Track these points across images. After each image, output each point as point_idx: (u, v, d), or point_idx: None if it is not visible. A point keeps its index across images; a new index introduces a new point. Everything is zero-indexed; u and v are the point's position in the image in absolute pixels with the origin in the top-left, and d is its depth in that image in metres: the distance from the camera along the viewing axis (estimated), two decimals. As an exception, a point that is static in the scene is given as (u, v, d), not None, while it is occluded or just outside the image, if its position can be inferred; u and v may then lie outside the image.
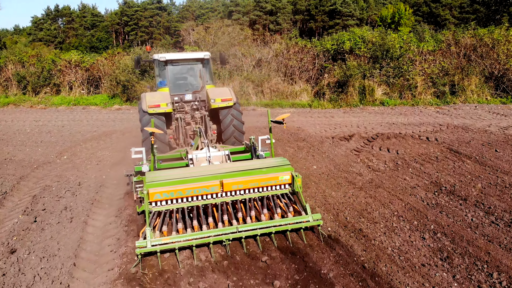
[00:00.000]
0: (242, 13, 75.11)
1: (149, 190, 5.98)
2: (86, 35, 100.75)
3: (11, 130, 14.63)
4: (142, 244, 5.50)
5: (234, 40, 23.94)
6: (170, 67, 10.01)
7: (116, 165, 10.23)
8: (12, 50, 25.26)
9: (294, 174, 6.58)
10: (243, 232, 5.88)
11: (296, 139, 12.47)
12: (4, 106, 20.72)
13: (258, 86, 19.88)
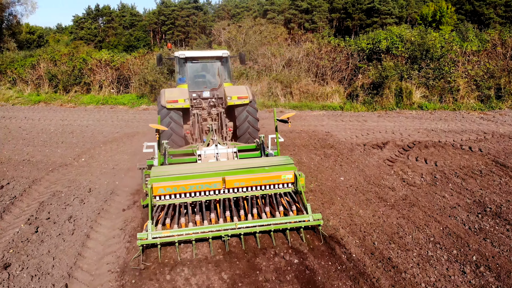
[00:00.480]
0: (277, 11, 74.31)
1: (153, 185, 6.17)
2: (125, 34, 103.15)
3: (36, 129, 14.57)
4: (143, 236, 5.64)
5: (265, 39, 23.23)
6: (190, 64, 10.25)
7: (131, 171, 9.74)
8: (45, 49, 25.65)
9: (297, 174, 6.61)
10: (242, 228, 5.92)
11: (324, 145, 11.59)
12: (35, 104, 20.93)
13: (286, 87, 19.06)
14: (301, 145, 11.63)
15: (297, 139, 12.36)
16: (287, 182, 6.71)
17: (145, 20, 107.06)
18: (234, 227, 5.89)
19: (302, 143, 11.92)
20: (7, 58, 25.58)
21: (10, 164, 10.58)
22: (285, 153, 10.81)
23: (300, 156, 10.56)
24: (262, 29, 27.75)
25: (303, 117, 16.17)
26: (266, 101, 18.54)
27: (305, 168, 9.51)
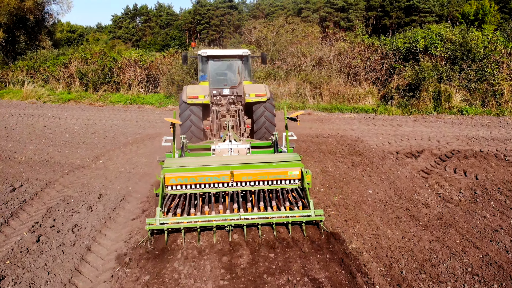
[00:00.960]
0: (312, 10, 73.06)
1: (165, 175, 6.56)
2: (161, 34, 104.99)
3: (60, 129, 14.51)
4: (151, 221, 6.04)
5: (296, 38, 22.47)
6: (211, 62, 10.58)
7: (147, 175, 9.34)
8: (77, 47, 25.97)
9: (303, 170, 6.77)
10: (245, 220, 6.18)
11: (352, 152, 10.77)
12: (65, 102, 21.13)
13: (316, 88, 18.24)
14: (327, 152, 10.86)
15: (323, 145, 11.60)
16: (294, 178, 6.87)
17: (181, 20, 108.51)
18: (237, 218, 6.18)
19: (329, 149, 11.14)
20: (41, 56, 26.14)
21: (28, 165, 10.42)
22: (308, 160, 10.12)
23: (325, 163, 9.80)
24: (293, 27, 27.01)
25: (332, 120, 15.34)
26: (294, 102, 17.81)
27: (330, 178, 8.76)
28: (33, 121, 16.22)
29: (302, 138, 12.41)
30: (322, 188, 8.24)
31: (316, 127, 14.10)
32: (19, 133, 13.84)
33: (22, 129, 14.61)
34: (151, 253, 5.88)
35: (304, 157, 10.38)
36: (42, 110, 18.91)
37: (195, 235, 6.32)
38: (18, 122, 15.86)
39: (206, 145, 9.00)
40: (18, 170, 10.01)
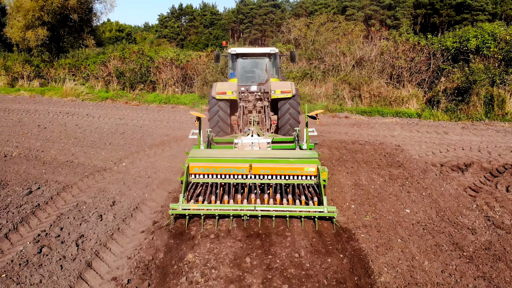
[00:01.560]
0: (357, 8, 70.92)
1: (189, 164, 7.09)
2: (205, 33, 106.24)
3: (90, 128, 14.42)
4: (175, 206, 6.55)
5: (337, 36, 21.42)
6: (240, 60, 10.88)
7: (166, 181, 8.86)
8: (116, 46, 26.21)
9: (320, 167, 6.93)
10: (260, 211, 6.49)
11: (391, 163, 9.77)
12: (103, 100, 21.28)
13: (355, 90, 17.17)
14: (363, 161, 9.92)
15: (359, 153, 10.65)
16: (310, 175, 7.06)
17: (224, 19, 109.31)
18: (253, 209, 6.50)
19: (365, 158, 10.19)
20: (82, 55, 26.63)
21: (51, 166, 10.25)
22: (340, 170, 9.25)
23: (358, 175, 8.89)
24: (335, 25, 25.91)
25: (371, 125, 14.27)
26: (330, 104, 16.86)
27: (363, 193, 7.87)
28: (67, 119, 16.31)
29: (335, 145, 11.52)
30: (353, 204, 7.38)
31: (352, 133, 13.12)
32: (50, 132, 13.86)
33: (54, 127, 14.66)
34: (154, 276, 5.32)
35: (335, 166, 9.52)
36: (79, 108, 19.08)
37: (215, 222, 6.64)
38: (52, 120, 15.99)
39: (231, 139, 9.31)
40: (40, 171, 9.84)
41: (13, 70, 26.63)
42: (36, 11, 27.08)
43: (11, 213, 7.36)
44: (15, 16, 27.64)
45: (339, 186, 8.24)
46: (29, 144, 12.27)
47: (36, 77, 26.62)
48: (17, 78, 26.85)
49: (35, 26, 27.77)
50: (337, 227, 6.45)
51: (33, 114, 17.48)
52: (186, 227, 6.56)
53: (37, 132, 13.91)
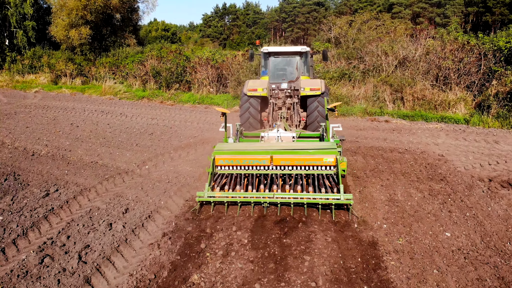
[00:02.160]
0: (404, 5, 68.11)
1: (215, 156, 7.59)
2: (247, 32, 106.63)
3: (121, 128, 14.31)
4: (201, 194, 7.08)
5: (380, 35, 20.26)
6: (272, 58, 11.48)
7: (185, 187, 8.40)
8: (154, 45, 26.34)
9: (338, 158, 7.16)
10: (279, 199, 6.86)
11: (432, 175, 8.79)
12: (139, 99, 21.34)
13: (397, 92, 16.03)
14: (401, 173, 8.99)
15: (397, 163, 9.71)
16: (329, 165, 7.32)
17: (266, 18, 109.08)
18: (272, 197, 6.87)
19: (403, 169, 9.25)
20: (122, 54, 26.98)
21: (75, 166, 10.10)
22: (374, 182, 8.40)
23: (394, 189, 8.01)
24: (378, 23, 24.66)
25: (413, 131, 13.17)
26: (370, 107, 15.84)
27: (397, 211, 7.01)
28: (100, 118, 16.37)
29: (371, 152, 10.62)
30: (385, 223, 6.56)
31: (392, 139, 12.13)
32: (81, 131, 13.87)
33: (86, 126, 14.69)
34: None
35: (369, 178, 8.68)
36: (114, 107, 19.19)
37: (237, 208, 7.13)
38: (85, 119, 16.09)
39: (258, 133, 9.74)
40: (63, 171, 9.70)
41: (56, 68, 27.43)
42: (79, 10, 27.80)
43: (24, 216, 7.17)
44: (60, 15, 28.52)
45: (371, 202, 7.42)
46: (58, 143, 12.27)
47: (78, 75, 27.27)
48: (60, 76, 27.64)
49: (79, 25, 28.51)
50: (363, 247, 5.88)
51: (69, 112, 17.73)
52: (212, 211, 7.10)
53: (68, 130, 13.96)
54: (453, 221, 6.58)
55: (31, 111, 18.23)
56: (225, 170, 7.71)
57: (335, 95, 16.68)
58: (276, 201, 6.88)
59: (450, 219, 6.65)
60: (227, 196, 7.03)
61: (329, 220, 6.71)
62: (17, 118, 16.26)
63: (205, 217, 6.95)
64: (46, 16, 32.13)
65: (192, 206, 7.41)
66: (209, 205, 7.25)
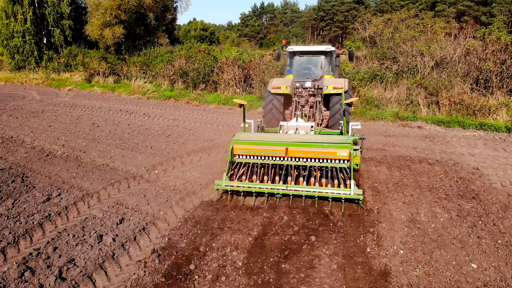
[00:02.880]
0: (448, 3, 64.91)
1: (233, 146, 7.92)
2: (284, 31, 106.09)
3: (140, 129, 14.04)
4: (219, 183, 7.47)
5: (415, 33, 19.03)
6: (297, 57, 11.78)
7: (189, 196, 7.91)
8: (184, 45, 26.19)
9: (352, 152, 7.28)
10: (291, 190, 7.12)
11: (463, 192, 7.82)
12: (166, 99, 21.16)
13: (432, 95, 14.87)
14: (427, 187, 8.07)
15: (424, 176, 8.77)
16: (343, 159, 7.43)
17: (304, 17, 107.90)
18: (285, 188, 7.15)
19: (430, 183, 8.31)
20: (153, 53, 27.02)
21: (85, 169, 9.85)
22: (396, 198, 7.58)
23: (417, 207, 7.13)
24: (417, 22, 23.28)
25: (448, 139, 12.07)
26: (401, 111, 14.77)
27: (418, 234, 6.17)
28: (122, 118, 16.23)
29: (398, 163, 9.71)
30: (401, 249, 5.76)
31: (423, 147, 11.12)
32: (101, 131, 13.72)
33: (107, 126, 14.55)
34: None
35: (391, 193, 7.84)
36: (140, 106, 19.08)
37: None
38: (108, 119, 15.99)
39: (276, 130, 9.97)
40: (72, 174, 9.45)
41: (90, 66, 27.87)
42: (113, 10, 28.08)
43: (19, 222, 6.89)
44: (95, 14, 28.94)
45: (389, 222, 6.61)
46: (75, 144, 12.14)
47: (110, 74, 27.58)
48: (93, 74, 28.06)
49: (112, 24, 28.81)
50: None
51: (94, 111, 17.75)
52: (228, 201, 7.53)
53: (88, 130, 13.86)
54: (482, 249, 5.67)
55: (59, 109, 18.42)
56: (242, 159, 8.03)
57: (364, 98, 15.73)
58: (288, 193, 7.17)
59: (479, 246, 5.75)
60: (243, 186, 7.36)
61: (341, 240, 5.99)
62: (43, 117, 16.41)
63: (203, 231, 6.40)
64: (83, 15, 32.77)
65: (193, 217, 6.90)
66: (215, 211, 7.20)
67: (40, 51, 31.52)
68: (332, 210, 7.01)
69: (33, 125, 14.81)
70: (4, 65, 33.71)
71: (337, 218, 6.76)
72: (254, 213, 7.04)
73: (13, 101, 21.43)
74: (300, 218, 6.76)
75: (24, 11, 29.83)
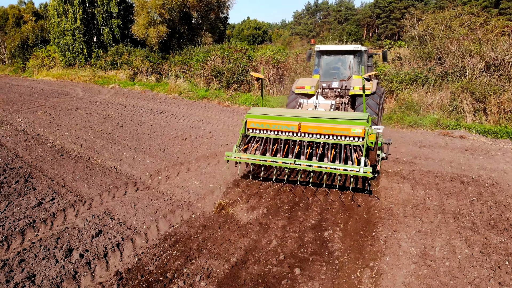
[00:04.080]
0: (516, -1, 59.73)
1: (247, 119, 7.98)
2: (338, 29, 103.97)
3: (161, 130, 13.68)
4: (229, 154, 7.67)
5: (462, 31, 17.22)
6: (325, 57, 11.29)
7: (180, 208, 7.32)
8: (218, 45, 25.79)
9: (367, 129, 6.94)
10: (298, 165, 7.04)
11: (495, 220, 6.56)
12: (200, 99, 20.85)
13: (479, 102, 13.22)
14: (452, 213, 6.88)
15: (453, 197, 7.55)
16: (357, 136, 7.10)
17: (359, 14, 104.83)
18: (292, 163, 7.03)
19: (457, 207, 7.10)
20: (193, 52, 26.90)
21: (90, 172, 9.59)
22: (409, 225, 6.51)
23: (433, 238, 6.01)
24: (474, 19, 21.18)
25: (491, 153, 10.56)
26: (443, 118, 13.28)
27: (426, 274, 5.13)
28: (149, 118, 16.04)
29: (425, 180, 8.51)
30: (401, 291, 4.77)
31: (460, 162, 9.75)
32: (122, 131, 13.54)
33: (130, 126, 14.38)
34: None
35: (406, 218, 6.76)
36: (172, 106, 18.86)
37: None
38: (134, 118, 15.86)
39: None
40: (75, 177, 9.21)
41: (133, 65, 28.33)
42: (157, 9, 28.29)
43: (2, 228, 6.65)
44: (140, 14, 29.36)
45: (395, 255, 5.59)
46: (92, 144, 12.01)
47: (153, 73, 27.85)
48: (136, 73, 28.51)
49: (156, 23, 29.08)
50: None
51: (125, 110, 17.77)
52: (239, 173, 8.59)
53: (110, 130, 13.75)
54: (504, 301, 4.55)
55: (93, 107, 18.67)
56: (256, 134, 8.03)
57: (404, 102, 14.38)
58: (295, 167, 7.01)
59: (500, 296, 4.62)
60: (253, 158, 7.40)
61: (332, 274, 5.10)
62: (74, 115, 16.64)
63: (179, 253, 5.76)
64: (131, 15, 33.46)
65: (175, 234, 6.31)
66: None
67: (89, 49, 32.58)
68: (336, 213, 6.10)
69: (62, 123, 14.98)
70: (57, 62, 35.29)
71: (335, 246, 5.85)
72: (242, 233, 6.31)
73: (56, 97, 22.15)
74: (291, 244, 5.93)
75: (74, 10, 30.94)
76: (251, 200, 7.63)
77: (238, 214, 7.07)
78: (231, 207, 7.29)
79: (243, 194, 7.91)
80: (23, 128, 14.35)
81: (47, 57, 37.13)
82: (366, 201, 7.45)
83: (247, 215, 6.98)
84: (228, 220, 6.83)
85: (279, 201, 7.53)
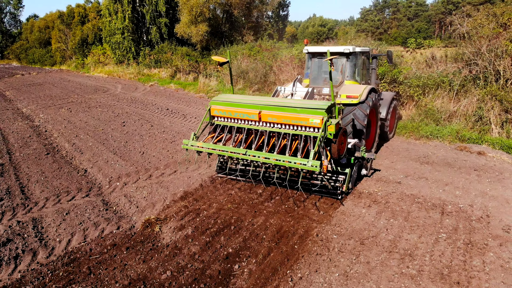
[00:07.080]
0: None
1: (211, 106, 7.66)
2: (407, 26, 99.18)
3: (156, 131, 13.36)
4: (186, 142, 7.45)
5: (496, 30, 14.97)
6: (315, 60, 10.27)
7: (105, 223, 6.86)
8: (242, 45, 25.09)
9: (326, 120, 6.46)
10: (250, 156, 6.69)
11: (456, 268, 5.27)
12: (224, 99, 20.42)
13: (508, 112, 11.26)
14: (402, 252, 5.67)
15: (415, 232, 6.27)
16: (315, 126, 6.65)
17: (431, 10, 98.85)
18: (244, 153, 6.75)
19: (415, 245, 5.84)
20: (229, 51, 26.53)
21: (59, 173, 9.47)
22: (340, 263, 5.43)
23: (356, 286, 4.94)
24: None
25: (505, 174, 8.80)
26: (465, 130, 11.52)
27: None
28: (157, 117, 15.85)
29: (400, 206, 7.23)
30: None
31: (458, 185, 8.23)
32: (119, 132, 13.43)
33: (132, 126, 14.26)
34: None
35: (341, 255, 5.69)
36: (189, 106, 18.57)
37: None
38: (142, 118, 15.77)
39: None
40: (39, 178, 9.15)
41: (173, 63, 28.67)
42: (198, 7, 28.34)
43: None
44: (183, 12, 29.61)
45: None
46: (83, 143, 12.03)
47: (191, 71, 27.98)
48: (176, 71, 28.83)
49: (198, 22, 29.17)
50: None
51: (142, 109, 17.80)
52: (195, 160, 8.99)
53: (110, 130, 13.74)
54: None
55: (116, 104, 18.99)
56: (221, 122, 7.67)
57: (424, 109, 12.78)
58: (247, 158, 6.77)
59: None
60: (206, 147, 7.16)
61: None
62: (91, 112, 16.96)
63: (64, 275, 5.28)
64: (177, 14, 33.96)
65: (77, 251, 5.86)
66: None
67: (137, 47, 33.57)
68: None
69: (74, 121, 15.30)
70: (110, 59, 36.91)
71: (237, 284, 5.02)
72: (146, 258, 5.68)
73: (93, 94, 22.95)
74: (186, 277, 5.19)
75: (124, 9, 32.01)
76: (186, 217, 6.97)
77: (164, 233, 6.45)
78: (159, 225, 6.69)
79: (183, 210, 7.27)
80: (39, 124, 14.85)
81: (102, 54, 39.02)
82: (309, 226, 6.46)
83: (171, 235, 6.34)
84: (147, 240, 6.23)
85: (213, 220, 6.79)
